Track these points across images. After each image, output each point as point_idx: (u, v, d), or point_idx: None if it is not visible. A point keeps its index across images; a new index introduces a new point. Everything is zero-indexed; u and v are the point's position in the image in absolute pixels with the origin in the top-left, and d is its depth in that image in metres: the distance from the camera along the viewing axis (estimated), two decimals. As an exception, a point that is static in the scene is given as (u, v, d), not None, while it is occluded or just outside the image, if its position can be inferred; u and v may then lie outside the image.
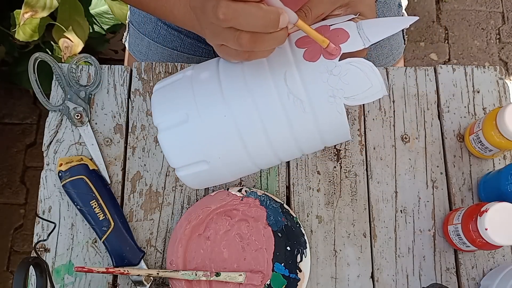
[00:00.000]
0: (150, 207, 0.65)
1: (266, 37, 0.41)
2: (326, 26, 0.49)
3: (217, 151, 0.51)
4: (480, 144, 0.65)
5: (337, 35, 0.47)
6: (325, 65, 0.46)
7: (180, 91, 0.51)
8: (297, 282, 0.61)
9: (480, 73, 0.72)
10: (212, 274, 0.60)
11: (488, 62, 1.67)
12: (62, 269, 0.63)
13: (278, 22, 0.40)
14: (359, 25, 0.48)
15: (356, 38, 0.47)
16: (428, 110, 0.70)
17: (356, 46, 0.46)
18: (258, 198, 0.63)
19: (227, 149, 0.51)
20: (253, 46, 0.42)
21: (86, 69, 0.70)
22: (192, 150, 0.51)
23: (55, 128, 0.68)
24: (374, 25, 0.48)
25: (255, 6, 0.39)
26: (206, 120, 0.49)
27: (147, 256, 0.64)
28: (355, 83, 0.46)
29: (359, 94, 0.46)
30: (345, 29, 0.48)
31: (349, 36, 0.47)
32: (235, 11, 0.39)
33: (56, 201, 0.65)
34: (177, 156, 0.52)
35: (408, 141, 0.69)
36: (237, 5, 0.39)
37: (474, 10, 1.73)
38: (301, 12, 0.50)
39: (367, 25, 0.48)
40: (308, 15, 0.50)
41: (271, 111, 0.48)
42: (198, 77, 0.51)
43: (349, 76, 0.46)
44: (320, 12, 0.50)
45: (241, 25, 0.40)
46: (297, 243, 0.62)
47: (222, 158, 0.51)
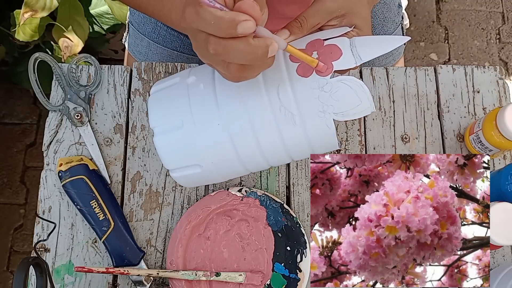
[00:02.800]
0: (150, 207, 0.65)
1: (255, 66, 0.43)
2: (320, 41, 0.50)
3: (210, 156, 0.53)
4: (480, 144, 0.65)
5: (330, 52, 0.48)
6: (317, 82, 0.48)
7: (177, 98, 0.53)
8: (297, 282, 0.61)
9: (480, 73, 0.72)
10: (212, 274, 0.60)
11: (488, 62, 1.67)
12: (62, 269, 0.63)
13: (266, 54, 0.41)
14: (353, 42, 0.49)
15: (349, 56, 0.48)
16: (428, 110, 0.70)
17: (348, 64, 0.48)
18: (258, 198, 0.63)
19: (219, 155, 0.53)
20: (241, 74, 0.43)
21: (86, 69, 0.70)
22: (186, 154, 0.53)
23: (55, 128, 0.68)
24: (367, 43, 0.49)
25: (244, 42, 0.40)
26: (200, 128, 0.51)
27: (147, 256, 0.64)
28: (345, 100, 0.48)
29: (348, 111, 0.49)
30: (339, 45, 0.49)
31: (342, 54, 0.48)
32: (224, 47, 0.40)
33: (56, 201, 0.65)
34: (171, 159, 0.54)
35: (408, 141, 0.69)
36: (226, 42, 0.40)
37: (474, 10, 1.73)
38: (296, 22, 0.50)
39: (360, 43, 0.49)
40: (304, 25, 0.50)
41: (263, 122, 0.50)
42: (194, 85, 0.53)
43: (339, 93, 0.48)
44: (315, 22, 0.50)
45: (230, 59, 0.42)
46: (297, 243, 0.62)
47: (215, 163, 0.54)
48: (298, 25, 0.50)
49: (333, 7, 0.50)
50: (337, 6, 0.50)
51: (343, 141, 0.68)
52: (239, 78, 0.45)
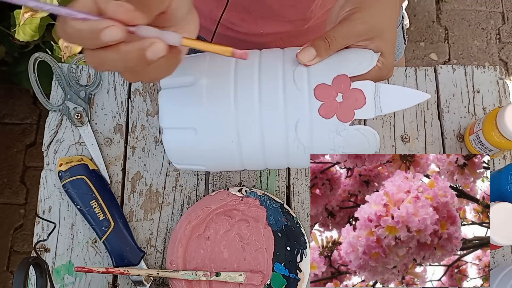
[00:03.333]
0: (150, 207, 0.65)
1: (144, 70, 0.39)
2: (347, 80, 0.48)
3: (215, 163, 0.55)
4: (480, 144, 0.65)
5: (355, 99, 0.48)
6: (336, 126, 0.49)
7: (192, 105, 0.51)
8: (297, 282, 0.61)
9: (480, 73, 0.72)
10: (212, 274, 0.60)
11: (488, 62, 1.67)
12: (62, 269, 0.63)
13: (144, 58, 0.36)
14: (378, 90, 0.49)
15: (371, 105, 0.48)
16: (428, 110, 0.70)
17: (368, 114, 0.49)
18: (258, 198, 0.63)
19: (225, 163, 0.55)
20: (137, 79, 0.40)
21: (86, 69, 0.70)
22: (193, 156, 0.54)
23: (55, 128, 0.68)
24: (391, 94, 0.49)
25: (113, 51, 0.36)
26: (212, 140, 0.52)
27: (147, 256, 0.64)
28: (356, 144, 0.50)
29: (356, 152, 0.51)
30: (364, 92, 0.48)
31: (366, 103, 0.48)
32: (97, 58, 0.37)
33: (56, 201, 0.65)
34: (177, 158, 0.55)
35: (408, 141, 0.69)
36: (98, 53, 0.37)
37: (474, 10, 1.73)
38: (325, 42, 0.47)
39: (385, 92, 0.49)
40: (332, 47, 0.47)
41: (275, 148, 0.52)
42: (213, 93, 0.51)
43: (353, 139, 0.50)
44: (344, 44, 0.48)
45: (108, 69, 0.39)
46: (297, 243, 0.62)
47: (218, 166, 0.57)
48: (326, 46, 0.47)
49: (363, 30, 0.48)
50: (367, 29, 0.48)
51: (343, 141, 0.68)
52: (140, 80, 0.41)
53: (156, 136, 0.68)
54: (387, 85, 0.49)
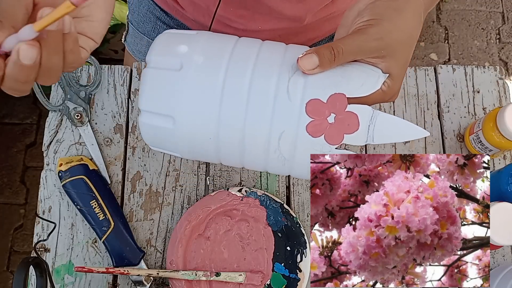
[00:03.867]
0: (150, 207, 0.65)
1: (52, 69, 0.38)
2: (344, 99, 0.45)
3: (191, 154, 0.53)
4: (480, 144, 0.65)
5: (348, 123, 0.45)
6: (321, 146, 0.46)
7: (174, 92, 0.48)
8: (297, 282, 0.61)
9: (480, 73, 0.72)
10: (212, 274, 0.60)
11: (488, 62, 1.67)
12: (62, 269, 0.63)
13: (26, 67, 0.35)
14: (374, 118, 0.45)
15: (362, 133, 0.45)
16: (428, 110, 0.70)
17: (357, 141, 0.46)
18: (258, 198, 0.63)
19: (201, 156, 0.53)
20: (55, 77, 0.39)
21: (86, 69, 0.70)
22: (168, 143, 0.52)
23: (55, 128, 0.68)
24: (387, 125, 0.46)
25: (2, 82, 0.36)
26: (190, 133, 0.49)
27: (147, 256, 0.64)
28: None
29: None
30: (359, 117, 0.45)
31: (358, 129, 0.45)
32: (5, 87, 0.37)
33: (56, 201, 0.65)
34: (152, 142, 0.53)
35: (408, 141, 0.69)
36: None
37: (474, 10, 1.73)
38: (331, 53, 0.43)
39: (381, 123, 0.46)
40: (337, 60, 0.43)
41: (254, 153, 0.49)
42: (198, 85, 0.48)
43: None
44: (351, 59, 0.44)
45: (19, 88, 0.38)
46: (297, 243, 0.62)
47: (193, 157, 0.54)
48: (331, 58, 0.43)
49: (376, 47, 0.44)
50: (381, 46, 0.44)
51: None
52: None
53: (156, 136, 0.68)
54: (385, 114, 0.46)
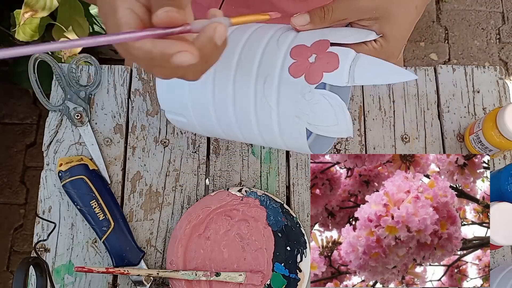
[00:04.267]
0: (150, 207, 0.65)
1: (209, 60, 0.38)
2: (327, 43, 0.46)
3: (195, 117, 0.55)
4: (480, 144, 0.65)
5: (327, 61, 0.45)
6: (301, 86, 0.46)
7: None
8: (297, 282, 0.61)
9: (480, 73, 0.72)
10: (212, 274, 0.60)
11: (488, 62, 1.67)
12: (62, 269, 0.63)
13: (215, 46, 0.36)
14: (356, 59, 0.45)
15: (344, 73, 0.45)
16: (428, 110, 0.70)
17: (339, 81, 0.45)
18: (258, 198, 0.63)
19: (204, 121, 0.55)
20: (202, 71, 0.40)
21: (86, 69, 0.70)
22: (177, 103, 0.54)
23: (55, 128, 0.68)
24: (370, 65, 0.45)
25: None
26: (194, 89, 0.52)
27: (147, 256, 0.64)
28: (322, 115, 0.46)
29: (323, 127, 0.47)
30: (340, 56, 0.45)
31: (337, 68, 0.45)
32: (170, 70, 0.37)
33: (56, 201, 0.65)
34: (167, 104, 0.56)
35: (408, 141, 0.69)
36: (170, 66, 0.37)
37: (474, 10, 1.73)
38: (320, 11, 0.46)
39: (363, 63, 0.45)
40: (327, 17, 0.46)
41: (245, 107, 0.50)
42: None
43: (318, 106, 0.46)
44: (341, 17, 0.46)
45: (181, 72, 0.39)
46: (297, 243, 0.62)
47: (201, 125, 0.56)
48: (321, 14, 0.46)
49: (367, 7, 0.45)
50: (372, 7, 0.45)
51: (343, 141, 0.68)
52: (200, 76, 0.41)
53: (156, 136, 0.68)
54: (369, 57, 0.46)
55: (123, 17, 0.35)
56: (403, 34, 0.48)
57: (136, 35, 0.35)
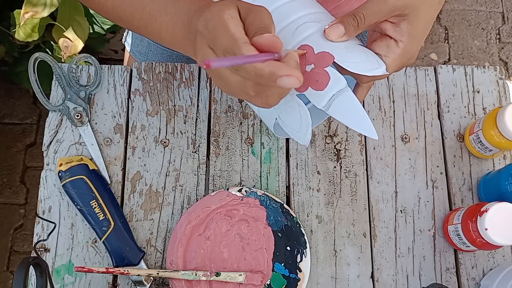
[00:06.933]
0: (150, 207, 0.65)
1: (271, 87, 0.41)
2: (331, 59, 0.45)
3: None
4: (480, 144, 0.65)
5: (318, 79, 0.45)
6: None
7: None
8: (297, 282, 0.61)
9: (480, 73, 0.72)
10: (212, 274, 0.60)
11: (488, 62, 1.67)
12: (62, 269, 0.63)
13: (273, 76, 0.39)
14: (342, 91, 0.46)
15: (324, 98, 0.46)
16: (428, 110, 0.70)
17: (317, 102, 0.46)
18: (258, 198, 0.63)
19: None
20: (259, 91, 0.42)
21: (86, 69, 0.70)
22: None
23: (55, 128, 0.68)
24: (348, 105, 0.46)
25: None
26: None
27: (147, 256, 0.64)
28: (290, 118, 0.49)
29: (287, 126, 0.50)
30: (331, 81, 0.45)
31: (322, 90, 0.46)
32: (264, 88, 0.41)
33: (56, 201, 0.65)
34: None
35: (408, 141, 0.69)
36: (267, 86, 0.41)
37: (474, 10, 1.73)
38: (354, 20, 0.45)
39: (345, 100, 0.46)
40: (361, 25, 0.45)
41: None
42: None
43: (291, 110, 0.49)
44: (374, 21, 0.45)
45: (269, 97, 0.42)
46: (297, 243, 0.62)
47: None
48: (355, 23, 0.45)
49: (397, 5, 0.44)
50: (402, 4, 0.44)
51: (343, 141, 0.68)
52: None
53: (156, 136, 0.68)
54: (353, 97, 0.46)
55: (237, 33, 0.40)
56: (426, 30, 0.48)
57: (263, 58, 0.40)
